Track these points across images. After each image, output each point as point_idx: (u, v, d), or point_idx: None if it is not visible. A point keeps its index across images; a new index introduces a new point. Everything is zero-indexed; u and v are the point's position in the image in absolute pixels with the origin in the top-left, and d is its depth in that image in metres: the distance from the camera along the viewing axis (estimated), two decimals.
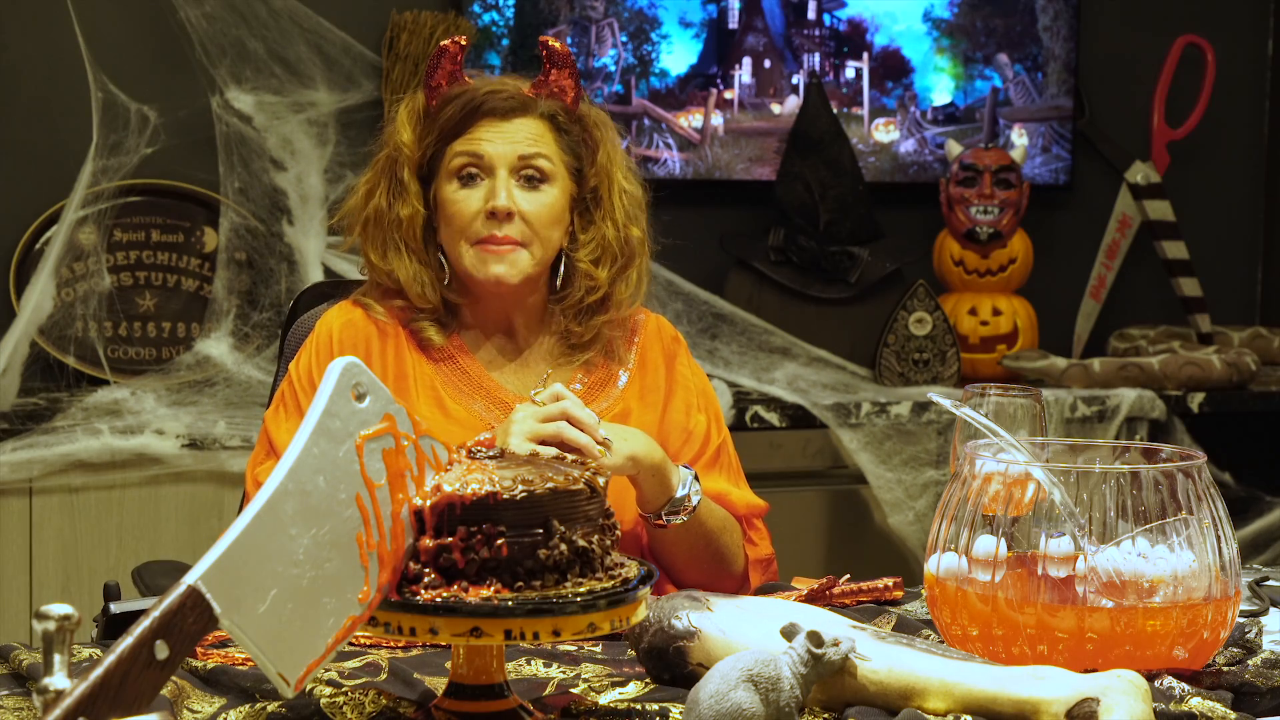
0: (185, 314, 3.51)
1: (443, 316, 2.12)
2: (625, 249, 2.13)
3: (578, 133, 2.12)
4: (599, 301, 2.12)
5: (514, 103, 2.09)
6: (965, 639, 1.59)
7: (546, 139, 2.09)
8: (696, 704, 1.36)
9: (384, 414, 1.36)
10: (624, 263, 2.13)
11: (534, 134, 2.08)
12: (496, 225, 2.05)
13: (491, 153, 2.06)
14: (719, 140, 3.93)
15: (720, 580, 2.08)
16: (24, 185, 3.47)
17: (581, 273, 2.11)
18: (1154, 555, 1.56)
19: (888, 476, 3.52)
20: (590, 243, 2.12)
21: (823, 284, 3.88)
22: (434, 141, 2.09)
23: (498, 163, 2.06)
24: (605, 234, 2.12)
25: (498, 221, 2.05)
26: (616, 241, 2.12)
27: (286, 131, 3.47)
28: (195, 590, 1.22)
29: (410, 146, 2.10)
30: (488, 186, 2.07)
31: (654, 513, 2.02)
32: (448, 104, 2.09)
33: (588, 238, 2.12)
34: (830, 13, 4.01)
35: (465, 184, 2.07)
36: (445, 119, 2.09)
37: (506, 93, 2.09)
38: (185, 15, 3.46)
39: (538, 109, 2.10)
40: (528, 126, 2.08)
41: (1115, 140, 4.26)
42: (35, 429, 3.06)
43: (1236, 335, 4.16)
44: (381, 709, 1.47)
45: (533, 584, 1.36)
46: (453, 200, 2.07)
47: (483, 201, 2.06)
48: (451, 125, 2.08)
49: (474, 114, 2.08)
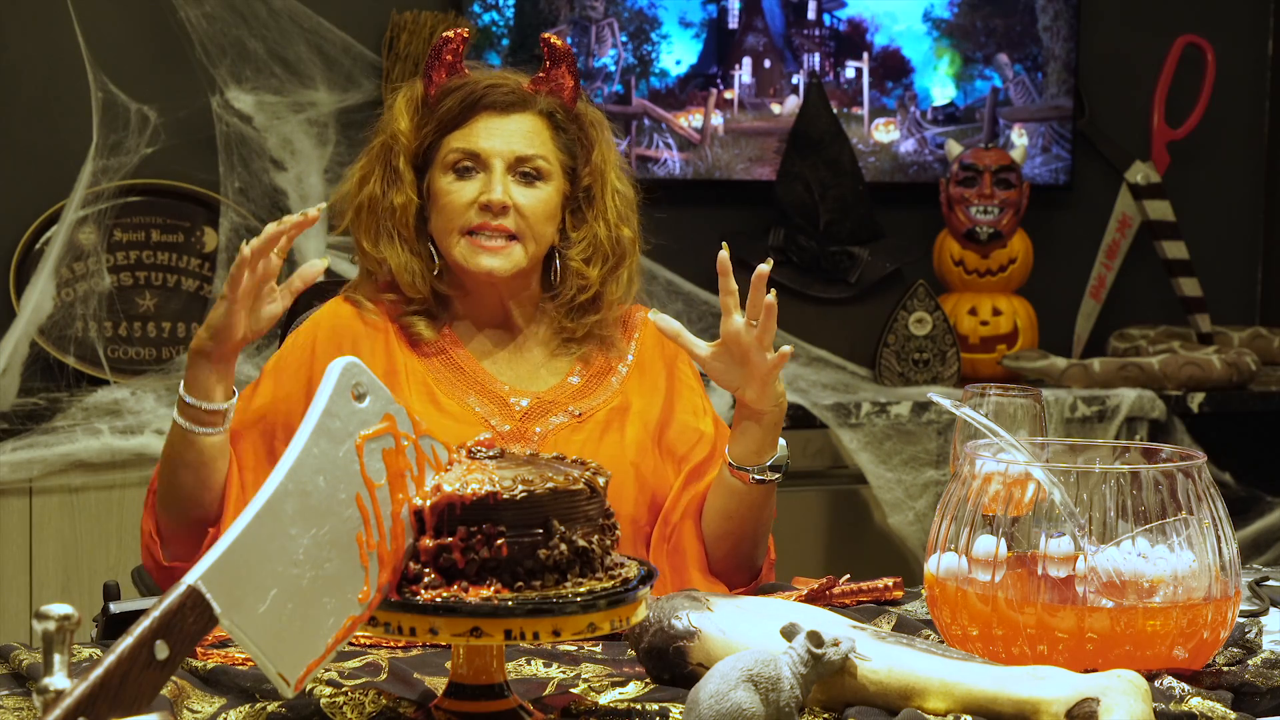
0: (185, 314, 3.51)
1: (433, 308, 2.12)
2: (616, 249, 2.13)
3: (574, 131, 2.12)
4: (590, 300, 2.13)
5: (514, 98, 2.09)
6: (965, 639, 1.59)
7: (544, 137, 2.09)
8: (696, 704, 1.36)
9: (384, 414, 1.36)
10: (615, 262, 2.14)
11: (531, 131, 2.08)
12: (490, 216, 2.05)
13: (488, 149, 2.06)
14: (719, 140, 3.93)
15: (743, 570, 2.10)
16: (24, 185, 3.47)
17: (573, 271, 2.11)
18: (1154, 555, 1.56)
19: (888, 476, 3.52)
20: (582, 241, 2.12)
21: (823, 284, 3.88)
22: (431, 131, 2.09)
23: (494, 159, 2.06)
24: (597, 233, 2.12)
25: (491, 213, 2.05)
26: (608, 241, 2.13)
27: (286, 131, 3.47)
28: (195, 590, 1.22)
29: (407, 135, 2.10)
30: (483, 179, 2.07)
31: (753, 466, 2.01)
32: (447, 95, 2.09)
33: (579, 236, 2.12)
34: (830, 13, 4.01)
35: (460, 176, 2.07)
36: (444, 110, 2.08)
37: (507, 87, 2.09)
38: (185, 15, 3.46)
39: (537, 105, 2.10)
40: (526, 123, 2.09)
41: (1115, 140, 4.26)
42: (35, 429, 3.07)
43: (1236, 335, 4.16)
44: (381, 709, 1.47)
45: (533, 584, 1.36)
46: (446, 191, 2.07)
47: (476, 193, 2.06)
48: (450, 117, 2.08)
49: (473, 107, 2.08)
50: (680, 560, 2.08)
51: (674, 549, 2.09)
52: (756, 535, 2.08)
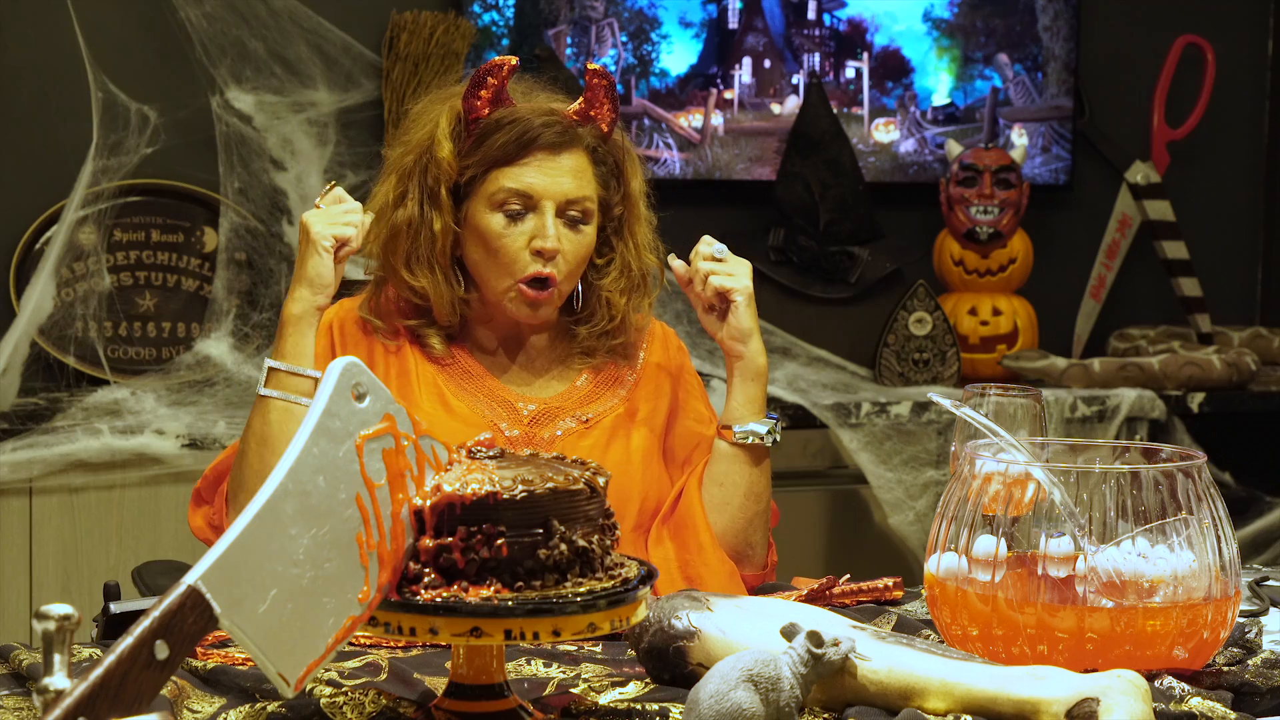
0: (185, 314, 3.51)
1: (453, 331, 2.12)
2: (644, 277, 2.15)
3: (611, 163, 2.11)
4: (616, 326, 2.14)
5: (566, 137, 2.06)
6: (965, 639, 1.59)
7: (588, 175, 2.08)
8: (696, 704, 1.36)
9: (384, 414, 1.36)
10: (642, 291, 2.15)
11: (578, 170, 2.07)
12: (543, 262, 2.05)
13: (541, 189, 2.04)
14: (719, 140, 3.93)
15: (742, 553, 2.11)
16: (24, 185, 3.47)
17: (603, 300, 2.12)
18: (1154, 555, 1.56)
19: (888, 476, 3.52)
20: (613, 271, 2.13)
21: (823, 284, 3.88)
22: (478, 163, 2.06)
23: (545, 200, 2.05)
24: (629, 262, 2.13)
25: (544, 259, 2.04)
26: (638, 270, 2.14)
27: (286, 131, 3.47)
28: (195, 590, 1.22)
29: (450, 162, 2.06)
30: (533, 222, 2.05)
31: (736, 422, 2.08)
32: (498, 130, 2.05)
33: (609, 265, 2.13)
34: (830, 13, 4.01)
35: (510, 220, 2.05)
36: (496, 147, 2.04)
37: (560, 126, 2.06)
38: (185, 15, 3.46)
39: (583, 142, 2.08)
40: (574, 161, 2.06)
41: (1115, 140, 4.26)
42: (35, 429, 3.06)
43: (1236, 335, 4.15)
44: (381, 709, 1.47)
45: (533, 584, 1.36)
46: (499, 234, 2.05)
47: (528, 238, 2.04)
48: (503, 154, 2.05)
49: (528, 146, 2.04)
50: (688, 533, 2.09)
51: (679, 522, 2.10)
52: (750, 513, 2.10)
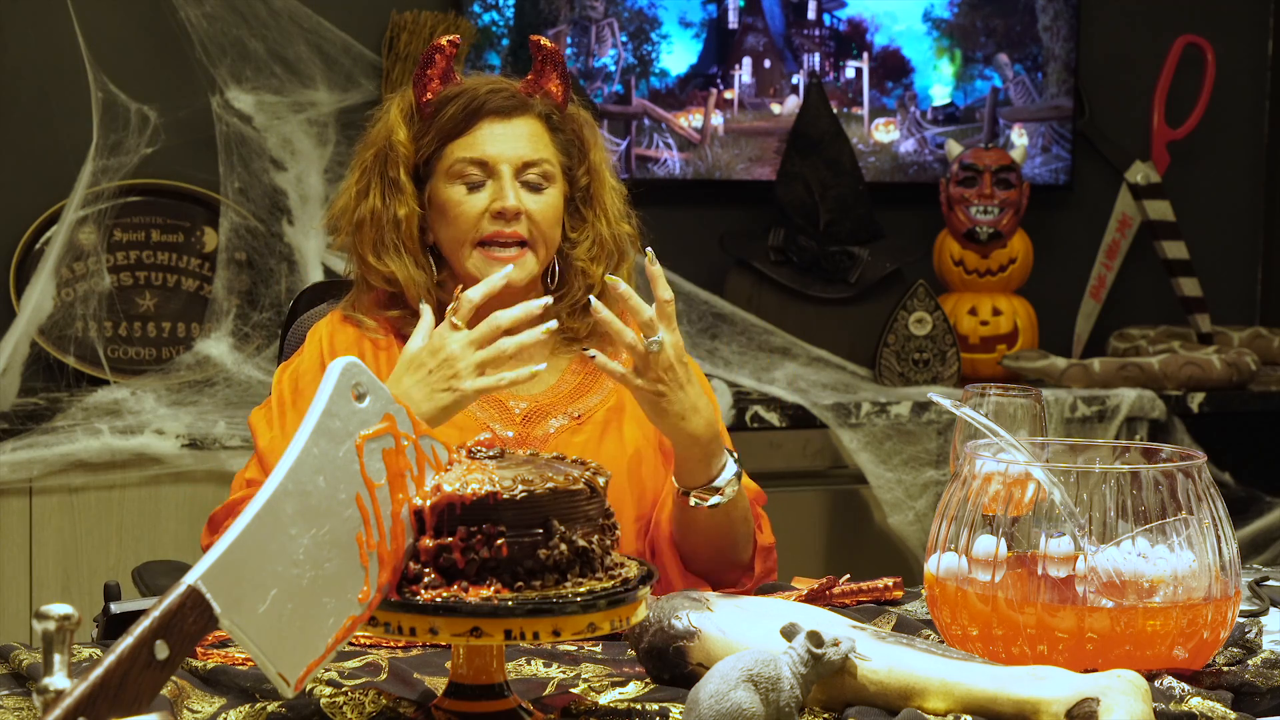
0: (185, 314, 3.51)
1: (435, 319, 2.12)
2: (618, 246, 2.15)
3: (569, 132, 2.13)
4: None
5: (514, 102, 2.09)
6: (965, 639, 1.59)
7: (544, 140, 2.10)
8: (696, 704, 1.36)
9: (384, 414, 1.36)
10: (618, 259, 2.15)
11: (534, 135, 2.09)
12: (504, 223, 2.05)
13: (495, 154, 2.06)
14: (719, 140, 3.93)
15: (726, 570, 2.08)
16: (24, 185, 3.47)
17: (578, 270, 2.12)
18: (1154, 555, 1.56)
19: (888, 476, 3.52)
20: (586, 240, 2.13)
21: (823, 284, 3.88)
22: (432, 141, 2.09)
23: (502, 164, 2.06)
24: (600, 232, 2.14)
25: (505, 220, 2.05)
26: (611, 239, 2.14)
27: (286, 131, 3.47)
28: (195, 590, 1.22)
29: (405, 145, 2.09)
30: (492, 188, 2.06)
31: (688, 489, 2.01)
32: (447, 104, 2.08)
33: (582, 236, 2.13)
34: (830, 13, 4.01)
35: (471, 189, 2.07)
36: (445, 119, 2.08)
37: (507, 92, 2.09)
38: (185, 15, 3.46)
39: (534, 109, 2.10)
40: (527, 126, 2.09)
41: (1115, 140, 4.26)
42: (35, 429, 3.07)
43: (1236, 335, 4.15)
44: (381, 709, 1.47)
45: (533, 584, 1.36)
46: (457, 202, 2.07)
47: (487, 202, 2.06)
48: (453, 126, 2.08)
49: (476, 114, 2.07)
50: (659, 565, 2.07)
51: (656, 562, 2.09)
52: (722, 545, 2.06)
